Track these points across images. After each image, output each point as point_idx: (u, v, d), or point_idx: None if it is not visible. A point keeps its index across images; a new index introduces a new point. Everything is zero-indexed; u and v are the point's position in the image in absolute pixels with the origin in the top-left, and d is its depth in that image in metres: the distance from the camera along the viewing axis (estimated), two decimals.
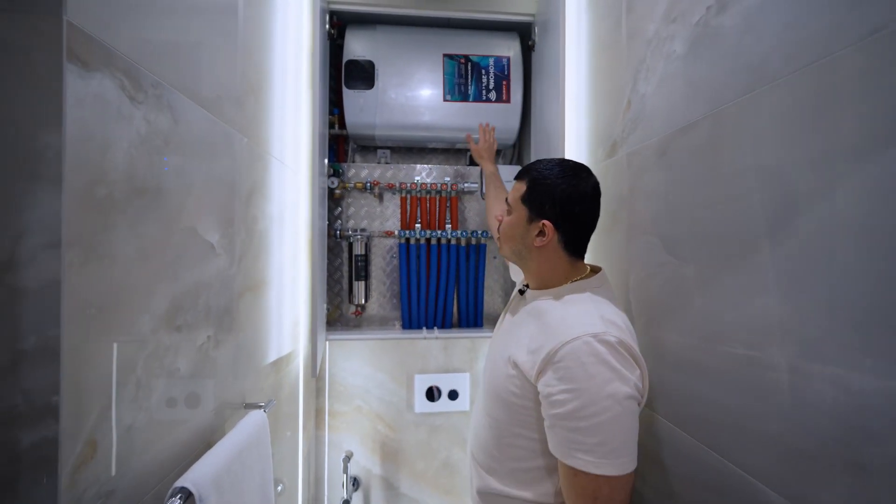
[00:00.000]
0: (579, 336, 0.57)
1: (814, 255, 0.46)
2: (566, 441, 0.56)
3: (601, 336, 0.57)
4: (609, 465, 0.54)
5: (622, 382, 0.55)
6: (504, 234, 0.75)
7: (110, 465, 0.44)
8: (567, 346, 0.57)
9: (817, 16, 0.45)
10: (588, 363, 0.55)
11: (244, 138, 0.75)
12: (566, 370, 0.56)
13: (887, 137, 0.39)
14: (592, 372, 0.55)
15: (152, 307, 0.50)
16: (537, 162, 0.72)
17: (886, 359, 0.39)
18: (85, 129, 0.39)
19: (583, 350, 0.56)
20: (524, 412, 0.63)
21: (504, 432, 0.66)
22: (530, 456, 0.64)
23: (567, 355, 0.56)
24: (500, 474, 0.68)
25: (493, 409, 0.69)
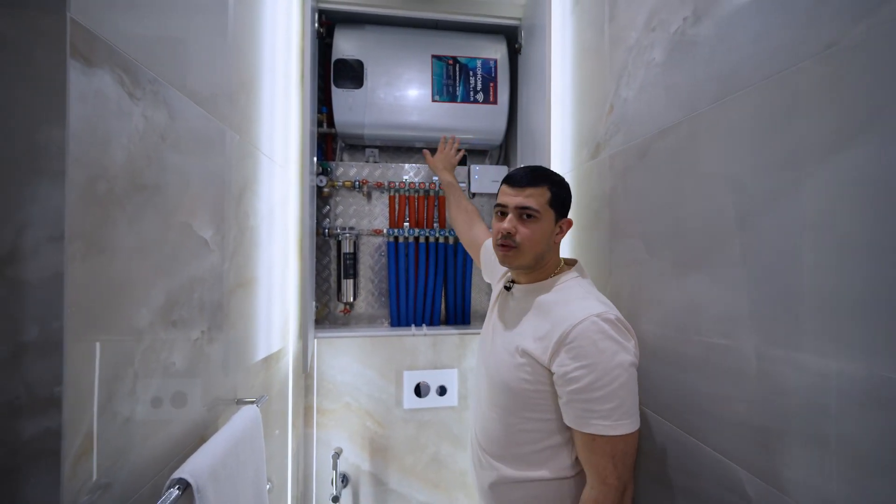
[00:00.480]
0: (586, 317, 0.64)
1: (779, 249, 0.50)
2: (583, 412, 0.63)
3: (604, 315, 0.65)
4: (623, 426, 0.62)
5: (626, 352, 0.64)
6: (531, 241, 0.73)
7: (109, 457, 0.44)
8: (577, 328, 0.64)
9: (782, 30, 0.49)
10: (597, 340, 0.63)
11: (236, 135, 0.76)
12: (579, 349, 0.63)
13: (843, 142, 0.43)
14: (602, 347, 0.62)
15: (150, 301, 0.50)
16: (545, 169, 0.78)
17: (842, 343, 0.43)
18: (87, 125, 0.40)
19: (591, 329, 0.63)
20: (537, 395, 0.69)
21: (516, 419, 0.71)
22: (544, 436, 0.70)
23: (578, 336, 0.63)
24: (517, 461, 0.72)
25: (502, 400, 0.73)
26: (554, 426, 0.69)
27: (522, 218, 0.73)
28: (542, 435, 0.70)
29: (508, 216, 0.74)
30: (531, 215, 0.73)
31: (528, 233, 0.73)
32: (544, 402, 0.69)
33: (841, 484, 0.43)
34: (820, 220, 0.45)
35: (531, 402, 0.69)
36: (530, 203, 0.73)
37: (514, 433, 0.72)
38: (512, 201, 0.74)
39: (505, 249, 0.75)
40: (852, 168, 0.42)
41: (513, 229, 0.73)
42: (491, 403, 0.75)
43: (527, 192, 0.73)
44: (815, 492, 0.45)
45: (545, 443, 0.70)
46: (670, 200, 0.70)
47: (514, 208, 0.74)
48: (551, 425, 0.69)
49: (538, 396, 0.69)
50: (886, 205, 0.39)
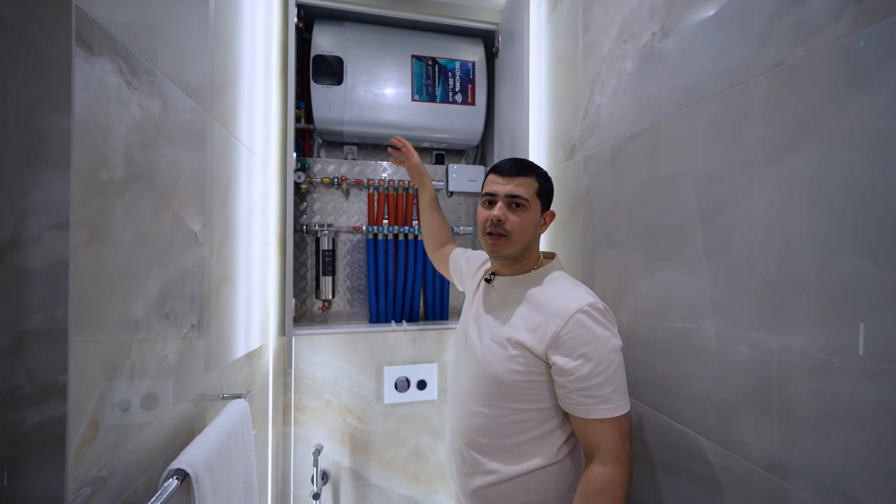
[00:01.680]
0: (580, 308, 0.67)
1: (734, 243, 0.56)
2: (588, 399, 0.65)
3: (594, 305, 0.68)
4: (623, 405, 0.65)
5: (616, 338, 0.68)
6: (521, 230, 0.73)
7: (110, 447, 0.44)
8: (573, 319, 0.66)
9: (738, 49, 0.56)
10: (592, 328, 0.66)
11: (222, 128, 0.75)
12: (576, 338, 0.65)
13: (786, 150, 0.50)
14: (597, 335, 0.65)
15: (145, 292, 0.50)
16: (531, 161, 0.78)
17: (786, 321, 0.49)
18: (89, 113, 0.40)
19: (586, 319, 0.66)
20: (529, 386, 0.69)
21: (505, 411, 0.71)
22: (533, 426, 0.71)
23: (575, 327, 0.66)
24: (505, 454, 0.72)
25: (491, 392, 0.72)
26: (543, 415, 0.70)
27: (512, 207, 0.73)
28: (532, 425, 0.71)
29: (498, 204, 0.74)
30: (521, 204, 0.73)
31: (518, 221, 0.73)
32: (535, 393, 0.70)
33: (782, 440, 0.49)
34: (767, 218, 0.52)
35: (522, 392, 0.70)
36: (520, 192, 0.73)
37: (502, 425, 0.71)
38: (502, 189, 0.73)
39: (494, 238, 0.74)
40: (794, 173, 0.49)
41: (503, 217, 0.72)
42: (478, 397, 0.74)
43: (516, 181, 0.73)
44: (763, 450, 0.52)
45: (534, 432, 0.71)
46: (640, 199, 0.76)
47: (504, 196, 0.73)
48: (541, 414, 0.70)
49: (530, 387, 0.69)
50: (822, 205, 0.46)
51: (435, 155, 1.66)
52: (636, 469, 0.76)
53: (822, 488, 0.45)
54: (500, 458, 0.72)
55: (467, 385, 0.77)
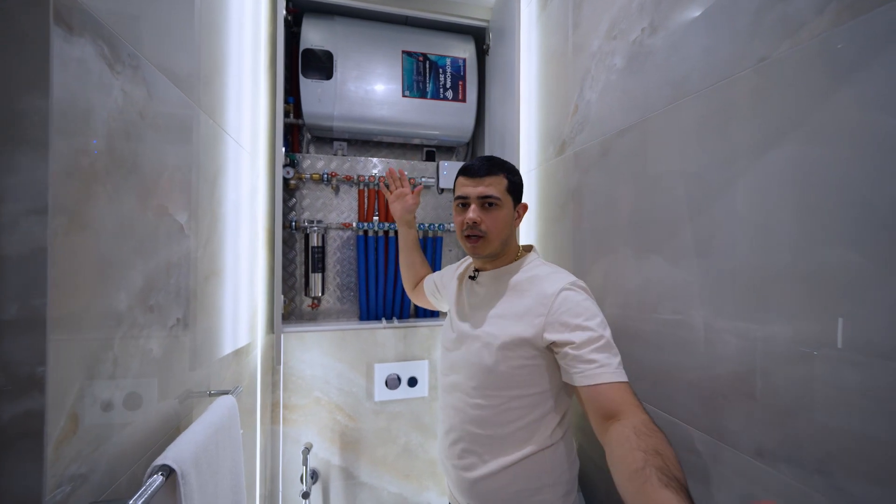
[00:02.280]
0: (563, 287, 0.69)
1: (720, 235, 0.57)
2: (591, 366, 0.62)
3: (576, 283, 0.72)
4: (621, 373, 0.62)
5: (600, 312, 0.69)
6: (496, 229, 0.76)
7: (90, 442, 0.43)
8: (560, 297, 0.69)
9: (725, 44, 0.57)
10: (579, 300, 0.68)
11: (210, 119, 0.74)
12: (568, 311, 0.67)
13: (770, 144, 0.51)
14: (586, 305, 0.68)
15: (129, 284, 0.49)
16: (497, 158, 0.79)
17: (770, 311, 0.50)
18: (69, 95, 0.39)
19: (571, 294, 0.69)
20: (523, 371, 0.70)
21: (499, 401, 0.72)
22: (528, 411, 0.72)
23: (563, 302, 0.68)
24: (503, 442, 0.72)
25: (484, 383, 0.73)
26: (537, 399, 0.72)
27: (485, 207, 0.75)
28: (526, 410, 0.72)
29: (472, 206, 0.76)
30: (493, 203, 0.75)
31: (493, 220, 0.75)
32: (528, 378, 0.71)
33: (768, 428, 0.50)
34: (752, 210, 0.53)
35: (515, 379, 0.71)
36: (491, 191, 0.75)
37: (499, 414, 0.72)
38: (473, 192, 0.75)
39: (473, 241, 0.76)
40: (777, 166, 0.50)
41: (478, 218, 0.74)
42: (473, 391, 0.75)
43: (486, 181, 0.75)
44: (750, 438, 0.53)
45: (529, 417, 0.72)
46: (629, 193, 0.77)
47: (476, 198, 0.75)
48: (534, 399, 0.71)
49: (522, 372, 0.70)
50: (804, 197, 0.47)
51: (426, 152, 1.65)
52: None
53: (807, 474, 0.46)
54: (497, 448, 0.73)
55: (461, 380, 0.78)
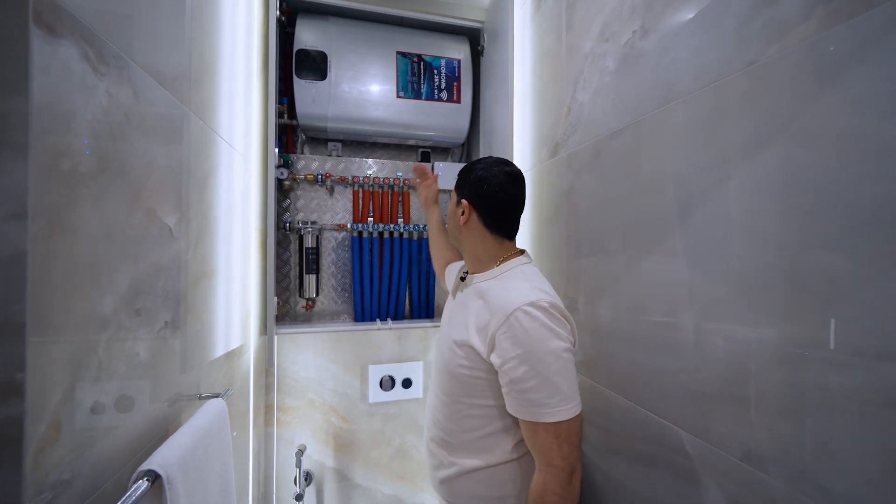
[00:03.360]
0: (518, 307, 0.65)
1: (710, 238, 0.57)
2: (523, 402, 0.65)
3: (536, 303, 0.66)
4: (562, 412, 0.63)
5: (558, 339, 0.65)
6: (448, 221, 0.86)
7: (73, 449, 0.42)
8: (511, 319, 0.65)
9: (715, 47, 0.57)
10: (529, 328, 0.64)
11: (199, 120, 0.73)
12: (513, 338, 0.65)
13: (759, 146, 0.51)
14: (534, 335, 0.64)
15: (114, 287, 0.48)
16: (476, 160, 0.82)
17: (759, 314, 0.50)
18: (51, 97, 0.38)
19: (523, 319, 0.65)
20: (478, 382, 0.71)
21: (460, 406, 0.73)
22: (486, 423, 0.72)
23: (511, 326, 0.65)
24: (463, 448, 0.74)
25: (447, 386, 0.75)
26: (495, 412, 0.71)
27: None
28: (485, 421, 0.72)
29: None
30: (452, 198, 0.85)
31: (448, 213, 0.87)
32: (484, 390, 0.71)
33: (757, 430, 0.50)
34: (741, 213, 0.53)
35: (472, 389, 0.71)
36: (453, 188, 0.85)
37: (459, 419, 0.73)
38: None
39: None
40: (765, 169, 0.50)
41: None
42: (440, 391, 0.77)
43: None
44: (739, 441, 0.53)
45: (488, 429, 0.72)
46: (621, 195, 0.77)
47: None
48: (493, 412, 0.71)
49: (478, 383, 0.71)
50: (789, 200, 0.47)
51: (421, 153, 1.65)
52: (610, 460, 0.77)
53: (794, 476, 0.46)
54: (459, 452, 0.74)
55: (435, 381, 0.81)
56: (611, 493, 0.80)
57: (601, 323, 0.83)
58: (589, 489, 0.87)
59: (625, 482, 0.75)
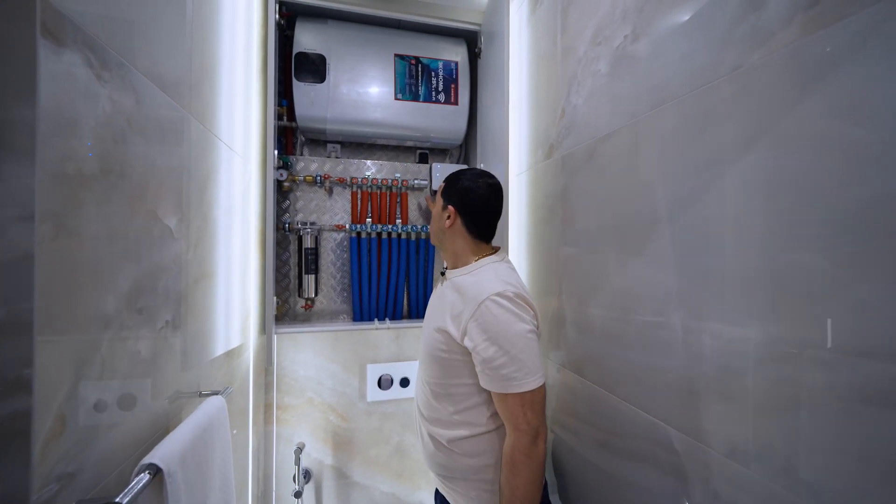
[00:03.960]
0: (487, 297, 0.76)
1: (698, 238, 0.59)
2: (494, 377, 0.76)
3: (503, 293, 0.77)
4: (527, 383, 0.74)
5: (523, 322, 0.76)
6: (432, 223, 0.94)
7: (78, 442, 0.44)
8: (481, 307, 0.76)
9: (703, 52, 0.59)
10: (497, 314, 0.75)
11: (199, 124, 0.75)
12: (483, 324, 0.75)
13: (744, 149, 0.52)
14: (501, 320, 0.75)
15: (116, 287, 0.50)
16: (457, 171, 0.92)
17: (744, 313, 0.52)
18: (56, 104, 0.40)
19: (491, 306, 0.76)
20: (456, 364, 0.81)
21: (441, 385, 0.84)
22: (465, 398, 0.83)
23: (482, 314, 0.76)
24: (444, 423, 0.85)
25: (430, 369, 0.86)
26: (471, 389, 0.82)
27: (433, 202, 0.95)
28: (461, 398, 0.83)
29: None
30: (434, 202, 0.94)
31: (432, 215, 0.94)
32: (461, 371, 0.81)
33: (741, 428, 0.52)
34: (727, 214, 0.54)
35: (451, 369, 0.82)
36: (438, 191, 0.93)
37: (440, 397, 0.84)
38: None
39: None
40: (750, 171, 0.51)
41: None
42: (424, 374, 0.88)
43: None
44: (724, 437, 0.54)
45: (465, 403, 0.83)
46: (613, 197, 0.78)
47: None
48: (469, 389, 0.82)
49: (456, 365, 0.81)
50: (771, 202, 0.48)
51: (419, 154, 1.66)
52: (602, 457, 0.79)
53: (776, 472, 0.48)
54: (441, 426, 0.85)
55: (420, 366, 0.91)
56: (603, 490, 0.81)
57: (593, 322, 0.84)
58: (582, 485, 0.89)
59: (616, 479, 0.77)
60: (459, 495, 0.85)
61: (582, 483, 0.89)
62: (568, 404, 0.94)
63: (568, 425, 0.95)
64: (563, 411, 0.96)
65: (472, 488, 0.84)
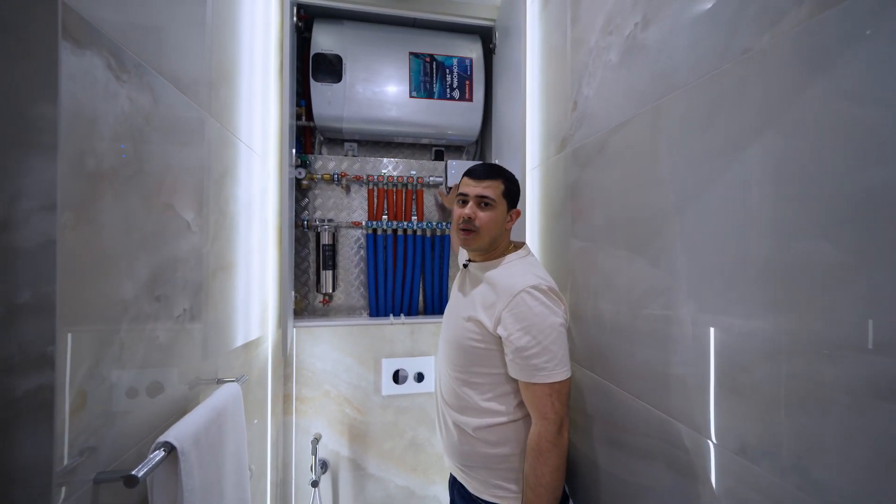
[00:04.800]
0: (523, 289, 0.77)
1: (706, 229, 0.57)
2: (524, 367, 0.77)
3: (537, 287, 0.78)
4: (556, 374, 0.76)
5: (555, 315, 0.78)
6: (487, 226, 0.84)
7: (97, 418, 0.47)
8: (516, 298, 0.77)
9: (711, 37, 0.56)
10: (532, 306, 0.77)
11: (216, 123, 0.78)
12: (518, 314, 0.77)
13: (752, 136, 0.50)
14: (536, 311, 0.76)
15: (134, 275, 0.53)
16: (500, 166, 0.90)
17: (750, 305, 0.50)
18: (76, 103, 0.43)
19: (527, 298, 0.77)
20: (486, 353, 0.82)
21: (469, 374, 0.85)
22: (491, 388, 0.83)
23: (517, 304, 0.77)
24: (471, 410, 0.85)
25: (456, 358, 0.86)
26: (499, 378, 0.83)
27: (481, 206, 0.85)
28: (489, 387, 0.83)
29: (469, 203, 0.85)
30: (488, 203, 0.85)
31: (486, 218, 0.85)
32: (491, 360, 0.82)
33: (751, 424, 0.50)
34: (735, 205, 0.52)
35: (480, 359, 0.82)
36: (488, 193, 0.84)
37: (466, 386, 0.85)
38: (473, 191, 0.85)
39: (466, 233, 0.86)
40: (759, 159, 0.49)
41: (473, 214, 0.84)
42: (449, 362, 0.88)
43: (485, 183, 0.85)
44: (734, 434, 0.52)
45: (491, 393, 0.83)
46: (623, 189, 0.77)
47: (474, 197, 0.85)
48: (496, 378, 0.83)
49: (486, 354, 0.82)
50: (782, 190, 0.46)
51: (434, 151, 1.67)
52: (613, 455, 0.77)
53: (785, 469, 0.45)
54: (467, 414, 0.85)
55: (445, 354, 0.91)
56: (613, 487, 0.79)
57: (604, 317, 0.82)
58: (592, 482, 0.87)
59: (627, 476, 0.75)
60: (479, 482, 0.86)
61: (592, 481, 0.87)
62: (579, 401, 0.93)
63: (578, 422, 0.93)
64: (574, 408, 0.94)
65: (493, 476, 0.84)
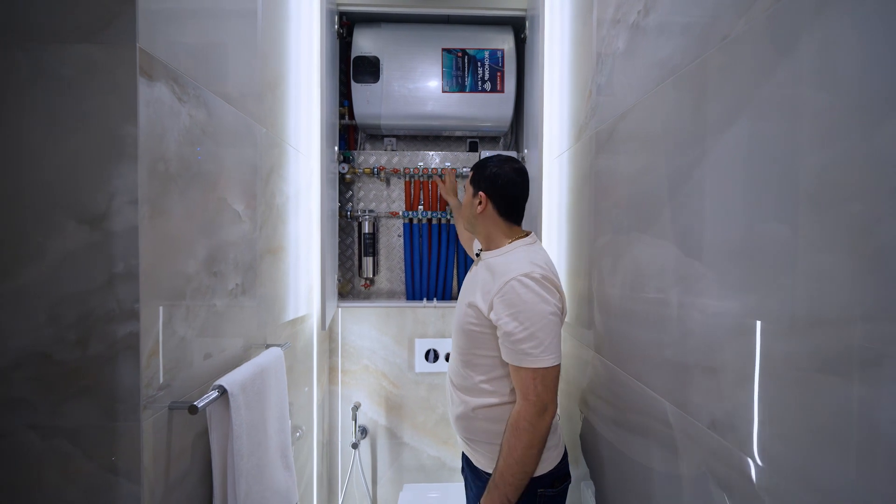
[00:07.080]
0: (514, 276, 0.81)
1: (691, 213, 0.58)
2: (513, 350, 0.80)
3: (529, 274, 0.81)
4: (543, 360, 0.78)
5: (545, 304, 0.80)
6: (462, 209, 0.99)
7: (170, 361, 0.62)
8: (507, 286, 0.81)
9: (699, 22, 0.57)
10: (521, 293, 0.79)
11: (263, 128, 0.92)
12: (508, 300, 0.80)
13: (729, 120, 0.51)
14: (525, 299, 0.79)
15: (195, 254, 0.68)
16: (486, 158, 0.96)
17: (728, 288, 0.51)
18: (151, 123, 0.56)
19: (517, 285, 0.80)
20: (483, 337, 0.87)
21: (470, 356, 0.90)
22: (490, 369, 0.88)
23: (507, 291, 0.80)
24: (472, 390, 0.91)
25: (460, 341, 0.92)
26: (496, 361, 0.87)
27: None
28: (487, 368, 0.88)
29: None
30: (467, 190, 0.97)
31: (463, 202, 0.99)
32: (487, 343, 0.86)
33: (720, 399, 0.52)
34: (714, 189, 0.53)
35: (478, 342, 0.87)
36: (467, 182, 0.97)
37: (469, 366, 0.90)
38: None
39: None
40: (733, 143, 0.50)
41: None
42: (455, 345, 0.95)
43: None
44: (707, 410, 0.54)
45: (490, 374, 0.88)
46: (628, 175, 0.78)
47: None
48: (494, 361, 0.87)
49: (483, 338, 0.87)
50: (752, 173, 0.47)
51: (469, 143, 1.73)
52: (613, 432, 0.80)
53: (743, 441, 0.47)
54: (468, 394, 0.91)
55: (453, 336, 0.98)
56: (614, 462, 0.82)
57: (611, 302, 0.85)
58: (595, 459, 0.90)
59: (625, 452, 0.78)
60: (481, 455, 0.93)
61: (596, 458, 0.90)
62: (592, 384, 0.96)
63: (590, 404, 0.96)
64: (590, 391, 0.98)
65: (494, 451, 0.90)
